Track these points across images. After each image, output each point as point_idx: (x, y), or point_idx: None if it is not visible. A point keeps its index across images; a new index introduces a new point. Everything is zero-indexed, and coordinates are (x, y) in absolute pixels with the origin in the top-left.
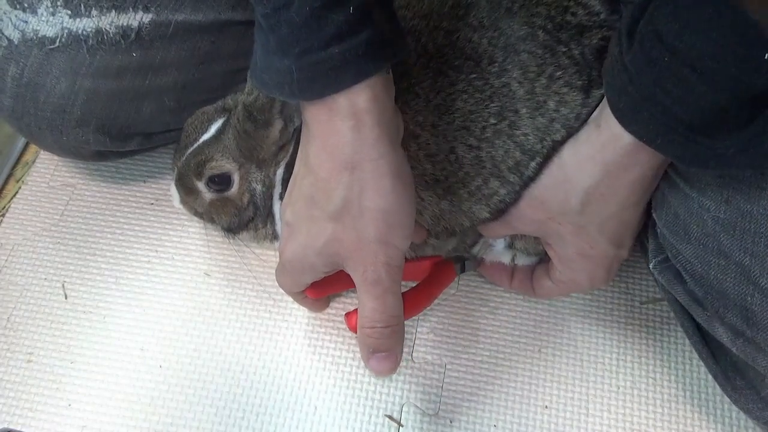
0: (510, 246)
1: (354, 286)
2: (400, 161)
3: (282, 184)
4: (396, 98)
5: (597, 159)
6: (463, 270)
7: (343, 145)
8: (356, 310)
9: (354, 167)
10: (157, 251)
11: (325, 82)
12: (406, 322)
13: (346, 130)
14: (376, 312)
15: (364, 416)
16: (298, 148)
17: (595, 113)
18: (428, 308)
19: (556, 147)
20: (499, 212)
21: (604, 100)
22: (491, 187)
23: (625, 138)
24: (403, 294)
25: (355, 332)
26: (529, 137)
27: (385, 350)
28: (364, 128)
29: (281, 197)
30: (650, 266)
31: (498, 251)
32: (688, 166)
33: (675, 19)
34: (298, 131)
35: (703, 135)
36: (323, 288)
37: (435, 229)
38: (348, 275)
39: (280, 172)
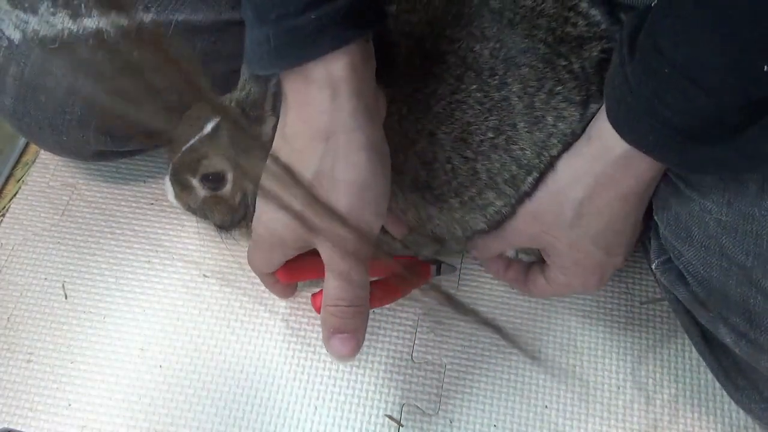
0: None
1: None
2: (378, 136)
3: None
4: (401, 102)
5: (589, 171)
6: (438, 272)
7: (319, 114)
8: (321, 291)
9: (328, 137)
10: (156, 251)
11: (301, 49)
12: (405, 322)
13: (322, 98)
14: (341, 290)
15: (364, 416)
16: None
17: (588, 127)
18: (419, 310)
19: (552, 162)
20: (496, 223)
21: (598, 113)
22: (486, 198)
23: (617, 150)
24: (372, 282)
25: (319, 312)
26: (527, 152)
27: (347, 331)
28: (341, 98)
29: None
30: (652, 267)
31: None
32: (687, 172)
33: (675, 30)
34: None
35: (702, 142)
36: (295, 273)
37: (423, 230)
38: (320, 262)
39: None
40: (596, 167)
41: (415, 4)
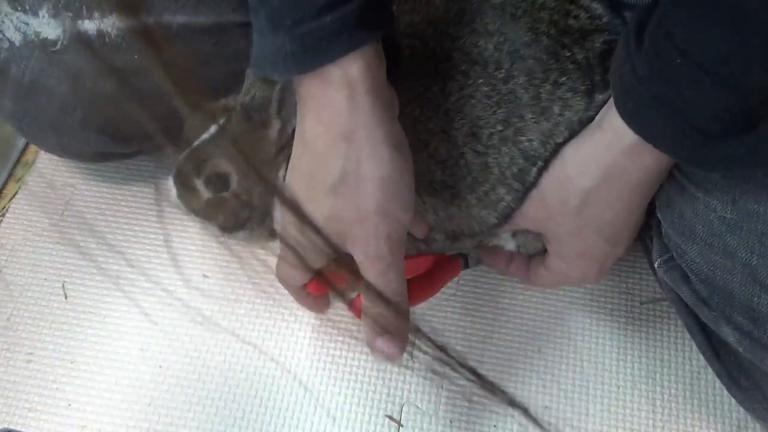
0: (513, 235)
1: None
2: (397, 131)
3: None
4: (414, 104)
5: (598, 162)
6: (466, 266)
7: (339, 115)
8: (359, 295)
9: (350, 137)
10: (157, 251)
11: (319, 53)
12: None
13: (340, 99)
14: (380, 290)
15: (364, 416)
16: None
17: (598, 116)
18: (428, 309)
19: (557, 149)
20: (506, 217)
21: (608, 103)
22: (498, 194)
23: (627, 141)
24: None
25: (359, 317)
26: (534, 142)
27: (390, 332)
28: (359, 96)
29: None
30: (655, 266)
31: (503, 238)
32: (696, 167)
33: (687, 20)
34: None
35: (713, 137)
36: (326, 283)
37: (442, 229)
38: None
39: (282, 173)
40: (607, 157)
41: (414, 4)
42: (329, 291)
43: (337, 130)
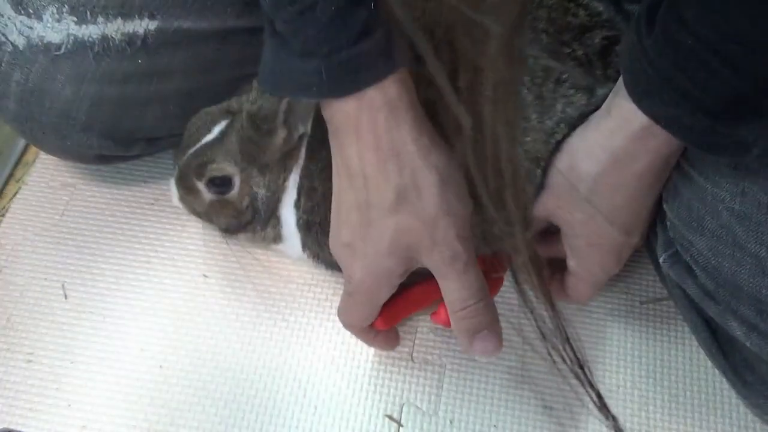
0: None
1: (423, 306)
2: (436, 135)
3: (298, 192)
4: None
5: (605, 146)
6: None
7: (383, 134)
8: (441, 305)
9: (398, 153)
10: (156, 251)
11: (357, 77)
12: (406, 322)
13: (382, 119)
14: (464, 290)
15: (364, 416)
16: (309, 155)
17: (605, 103)
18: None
19: (557, 147)
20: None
21: (614, 89)
22: None
23: (635, 123)
24: None
25: (448, 325)
26: (537, 143)
27: (485, 327)
28: (400, 113)
29: (296, 205)
30: (659, 260)
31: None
32: (705, 152)
33: (699, 2)
34: (303, 138)
35: (723, 122)
36: (392, 316)
37: (477, 234)
38: (415, 294)
39: (293, 178)
40: (614, 141)
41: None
42: (395, 323)
43: (384, 150)
